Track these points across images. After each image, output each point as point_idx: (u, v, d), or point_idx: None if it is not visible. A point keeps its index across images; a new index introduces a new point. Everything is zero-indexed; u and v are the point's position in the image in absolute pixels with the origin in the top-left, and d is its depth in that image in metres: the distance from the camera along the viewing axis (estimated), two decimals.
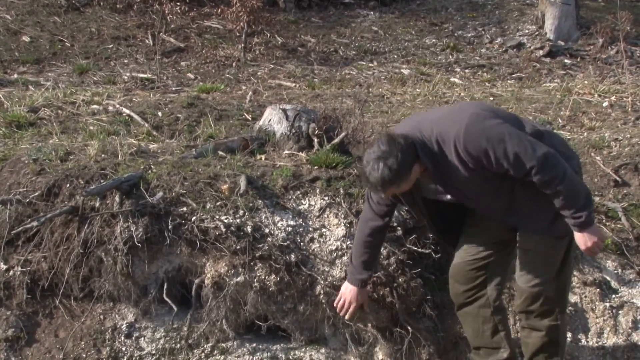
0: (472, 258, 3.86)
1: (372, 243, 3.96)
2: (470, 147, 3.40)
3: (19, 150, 5.10)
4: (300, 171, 4.81)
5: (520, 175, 3.45)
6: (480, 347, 3.98)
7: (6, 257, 4.46)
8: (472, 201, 3.69)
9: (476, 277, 3.86)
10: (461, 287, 3.91)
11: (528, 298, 3.72)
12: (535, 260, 3.67)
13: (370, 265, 4.00)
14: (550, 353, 3.83)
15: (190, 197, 4.47)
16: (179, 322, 4.39)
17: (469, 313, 3.95)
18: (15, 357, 4.24)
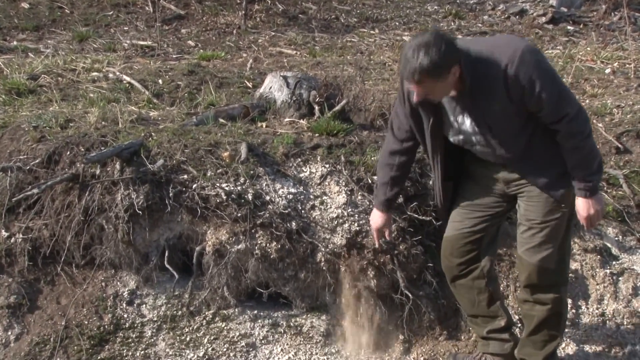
0: (467, 231, 3.82)
1: (393, 167, 3.84)
2: (522, 73, 3.28)
3: (19, 117, 5.09)
4: (301, 139, 4.81)
5: (553, 118, 3.38)
6: (477, 316, 4.00)
7: (7, 224, 4.47)
8: (490, 142, 3.51)
9: (471, 250, 3.84)
10: (455, 260, 3.89)
11: (533, 272, 3.70)
12: (539, 234, 3.63)
13: (391, 188, 3.87)
14: (555, 324, 3.84)
15: (191, 165, 4.47)
16: (180, 289, 4.41)
17: (463, 285, 3.94)
18: (18, 324, 4.26)
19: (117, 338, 4.28)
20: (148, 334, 4.31)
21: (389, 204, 3.94)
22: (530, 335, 3.86)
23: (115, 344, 4.26)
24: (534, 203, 3.61)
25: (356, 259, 4.40)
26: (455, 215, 3.89)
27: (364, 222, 4.44)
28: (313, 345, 4.38)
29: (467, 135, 3.56)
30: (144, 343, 4.28)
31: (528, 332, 3.87)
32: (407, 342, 4.40)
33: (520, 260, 3.77)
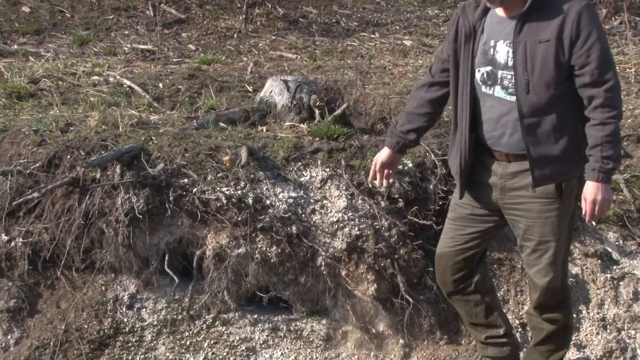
0: (459, 248, 3.74)
1: (415, 100, 3.73)
2: (583, 19, 3.21)
3: (19, 121, 5.08)
4: (301, 142, 4.80)
5: (593, 79, 3.25)
6: (476, 324, 3.97)
7: (7, 228, 4.46)
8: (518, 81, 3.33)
9: (464, 267, 3.78)
10: (449, 277, 3.83)
11: (543, 294, 3.63)
12: (545, 255, 3.55)
13: (408, 122, 3.71)
14: (562, 336, 3.82)
15: (191, 169, 4.46)
16: (180, 293, 4.41)
17: (459, 299, 3.91)
18: (17, 328, 4.26)
19: (117, 342, 4.28)
20: (148, 338, 4.30)
21: (402, 146, 3.76)
22: (538, 346, 3.84)
23: (115, 348, 4.26)
24: (534, 222, 3.52)
25: (356, 263, 4.40)
26: (447, 230, 3.83)
27: (365, 227, 4.44)
28: (313, 349, 4.38)
29: (496, 67, 3.40)
30: (144, 347, 4.28)
31: (536, 343, 3.85)
32: (407, 346, 4.39)
33: (531, 281, 3.69)
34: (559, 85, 3.31)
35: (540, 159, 3.38)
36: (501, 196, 3.55)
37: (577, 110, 3.37)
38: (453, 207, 3.82)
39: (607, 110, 3.26)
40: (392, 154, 3.78)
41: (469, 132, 3.51)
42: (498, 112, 3.44)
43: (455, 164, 3.61)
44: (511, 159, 3.48)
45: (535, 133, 3.36)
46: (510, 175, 3.50)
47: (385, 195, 4.57)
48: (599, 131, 3.28)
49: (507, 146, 3.47)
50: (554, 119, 3.34)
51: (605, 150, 3.28)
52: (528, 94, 3.32)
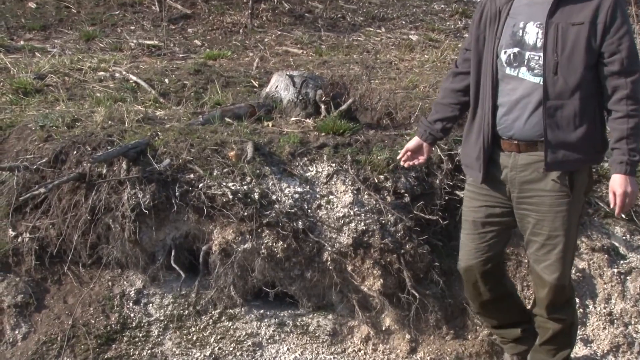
0: (487, 256, 3.75)
1: (442, 91, 3.85)
2: (617, 10, 3.27)
3: (26, 117, 5.08)
4: (307, 138, 4.80)
5: (621, 68, 3.27)
6: (511, 324, 3.99)
7: (14, 223, 4.46)
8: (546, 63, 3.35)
9: (495, 273, 3.80)
10: (484, 287, 3.82)
11: (551, 291, 3.63)
12: (554, 251, 3.54)
13: (434, 112, 3.84)
14: (568, 333, 3.82)
15: (197, 164, 4.46)
16: (186, 288, 4.41)
17: (494, 307, 3.93)
18: (25, 323, 4.26)
19: (124, 337, 4.27)
20: (155, 333, 4.30)
21: (427, 129, 3.84)
22: (544, 345, 3.83)
23: (122, 343, 4.25)
24: (544, 216, 3.51)
25: (362, 258, 4.40)
26: (467, 243, 3.82)
27: (371, 222, 4.44)
28: (319, 344, 4.37)
29: (524, 49, 3.41)
30: (151, 342, 4.27)
31: (542, 342, 3.84)
32: (413, 341, 4.39)
33: (539, 278, 3.67)
34: (586, 70, 3.34)
35: (556, 144, 3.38)
36: (512, 189, 3.56)
37: (597, 101, 3.39)
38: (467, 213, 3.82)
39: (631, 103, 3.29)
40: (420, 143, 3.87)
41: (491, 114, 3.52)
42: (519, 94, 3.44)
43: (477, 149, 3.60)
44: (521, 148, 3.48)
45: (556, 116, 3.37)
46: (520, 167, 3.50)
47: (391, 190, 4.58)
48: (624, 124, 3.30)
49: (521, 132, 3.46)
50: (577, 105, 3.35)
51: (630, 142, 3.30)
52: (555, 75, 3.34)
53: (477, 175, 3.65)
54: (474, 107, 3.63)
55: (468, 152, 3.70)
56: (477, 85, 3.59)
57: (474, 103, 3.62)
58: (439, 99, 3.87)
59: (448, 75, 3.87)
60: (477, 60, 3.58)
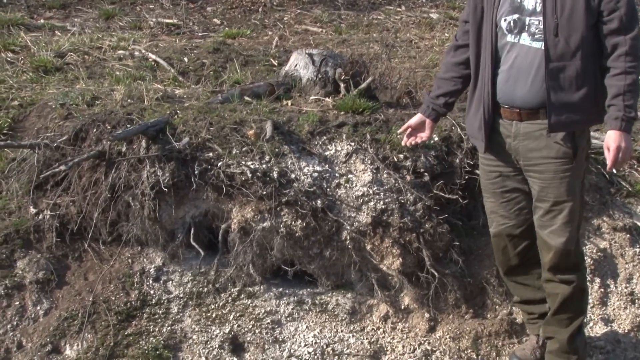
0: (515, 220, 3.78)
1: (443, 65, 3.88)
2: None
3: (46, 95, 5.11)
4: (326, 116, 4.78)
5: (620, 26, 3.31)
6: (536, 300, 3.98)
7: (35, 201, 4.50)
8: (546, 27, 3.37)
9: (524, 238, 3.81)
10: (513, 251, 3.85)
11: (555, 255, 3.64)
12: (559, 216, 3.56)
13: (437, 88, 3.85)
14: (578, 300, 3.79)
15: (216, 143, 4.46)
16: (206, 266, 4.42)
17: (521, 275, 3.95)
18: (46, 299, 4.29)
19: (144, 314, 4.29)
20: (174, 310, 4.32)
21: (430, 105, 3.84)
22: (555, 314, 3.82)
23: (142, 319, 4.28)
24: (548, 183, 3.53)
25: (382, 237, 4.39)
26: (494, 209, 3.84)
27: (390, 201, 4.43)
28: (338, 322, 4.38)
29: (524, 14, 3.44)
30: (170, 319, 4.30)
31: (553, 312, 3.82)
32: (432, 320, 4.39)
33: (543, 242, 3.69)
34: (586, 30, 3.35)
35: (559, 105, 3.40)
36: (518, 158, 3.60)
37: (598, 61, 3.41)
38: (486, 185, 3.84)
39: (630, 60, 3.30)
40: (422, 119, 3.87)
41: (491, 84, 3.55)
42: (520, 61, 3.47)
43: (477, 119, 3.65)
44: (523, 117, 3.52)
45: (558, 78, 3.39)
46: (522, 136, 3.53)
47: (410, 169, 4.56)
48: (621, 80, 3.32)
49: (522, 99, 3.49)
50: (578, 65, 3.38)
51: (627, 99, 3.32)
52: (556, 37, 3.36)
53: (481, 145, 3.69)
54: (474, 78, 3.66)
55: (471, 123, 3.75)
56: (477, 55, 3.61)
57: (475, 74, 3.65)
58: (440, 73, 3.88)
59: (449, 49, 3.87)
60: (476, 30, 3.60)
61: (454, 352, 4.29)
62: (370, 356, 4.27)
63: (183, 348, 4.21)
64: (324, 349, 4.26)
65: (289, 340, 4.29)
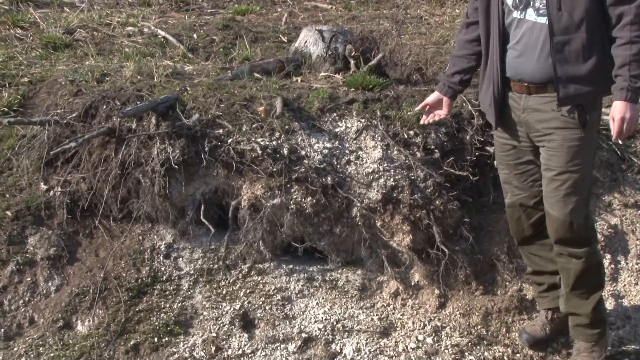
0: (529, 192, 3.80)
1: (457, 43, 3.92)
2: None
3: (55, 71, 5.12)
4: (336, 93, 4.76)
5: None
6: (549, 271, 3.99)
7: (46, 177, 4.52)
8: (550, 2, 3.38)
9: (539, 209, 3.81)
10: (527, 221, 3.88)
11: (561, 227, 3.63)
12: (563, 186, 3.56)
13: (452, 66, 3.92)
14: (595, 274, 3.78)
15: (226, 119, 4.44)
16: (216, 243, 4.43)
17: (535, 245, 3.98)
18: (58, 275, 4.30)
19: (155, 290, 4.30)
20: (185, 287, 4.33)
21: (445, 82, 3.91)
22: (573, 290, 3.80)
23: (153, 296, 4.28)
24: (555, 152, 3.53)
25: (392, 214, 4.38)
26: (509, 180, 3.87)
27: (400, 177, 4.41)
28: (348, 299, 4.37)
29: None
30: (181, 296, 4.30)
31: (570, 287, 3.80)
32: (442, 296, 4.39)
33: (547, 213, 3.69)
34: (589, 2, 3.34)
35: (566, 79, 3.40)
36: (528, 130, 3.61)
37: (605, 31, 3.38)
38: (500, 157, 3.86)
39: (635, 29, 3.27)
40: (440, 98, 3.94)
41: (499, 61, 3.58)
42: (527, 37, 3.49)
43: (488, 96, 3.69)
44: (532, 90, 3.53)
45: (564, 51, 3.39)
46: (531, 109, 3.55)
47: (421, 146, 4.54)
48: (627, 50, 3.29)
49: (530, 74, 3.50)
50: (584, 38, 3.36)
51: (633, 69, 3.28)
52: (559, 11, 3.35)
53: (492, 120, 3.73)
54: (485, 55, 3.68)
55: (483, 99, 3.79)
56: (486, 33, 3.63)
57: (485, 51, 3.67)
58: (455, 51, 3.94)
59: (461, 27, 3.91)
60: (484, 8, 3.61)
61: (464, 329, 4.28)
62: (380, 332, 4.26)
63: (194, 324, 4.21)
64: (334, 325, 4.25)
65: (299, 317, 4.28)
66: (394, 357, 4.16)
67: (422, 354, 4.16)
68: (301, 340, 4.17)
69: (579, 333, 3.91)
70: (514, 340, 4.22)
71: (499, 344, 4.23)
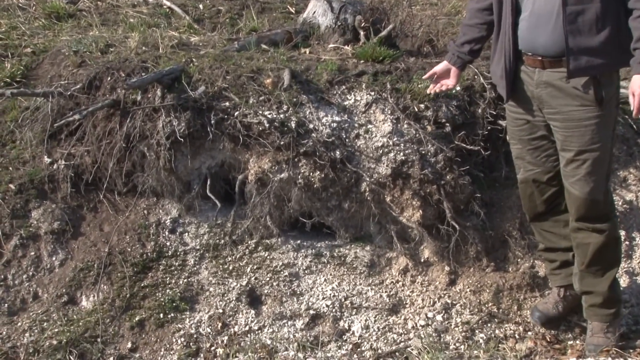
0: (543, 167, 3.76)
1: (468, 12, 3.87)
2: None
3: (59, 42, 5.07)
4: (345, 65, 4.69)
5: None
6: (562, 248, 3.95)
7: (49, 150, 4.50)
8: None
9: (552, 185, 3.78)
10: (540, 197, 3.84)
11: (582, 205, 3.58)
12: (583, 166, 3.50)
13: (462, 35, 3.85)
14: (613, 249, 3.74)
15: (232, 92, 4.38)
16: (222, 218, 4.40)
17: (548, 222, 3.94)
18: (62, 250, 4.28)
19: (160, 266, 4.28)
20: (191, 262, 4.30)
21: (462, 61, 3.86)
22: (589, 267, 3.74)
23: (158, 271, 4.26)
24: (573, 131, 3.46)
25: (401, 189, 4.33)
26: (522, 155, 3.82)
27: (410, 152, 4.35)
28: (357, 275, 4.34)
29: None
30: (187, 271, 4.28)
31: (585, 264, 3.74)
32: (452, 273, 4.35)
33: (568, 193, 3.63)
34: None
35: (578, 50, 3.33)
36: (541, 106, 3.55)
37: (621, 1, 3.31)
38: (513, 132, 3.81)
39: None
40: (448, 67, 3.89)
41: (512, 32, 3.50)
42: (540, 7, 3.40)
43: (500, 67, 3.62)
44: (545, 64, 3.47)
45: (577, 22, 3.30)
46: (544, 84, 3.48)
47: (431, 119, 4.47)
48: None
49: (544, 46, 3.43)
50: (598, 8, 3.29)
51: None
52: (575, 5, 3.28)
53: (503, 93, 3.66)
54: (497, 26, 3.62)
55: (494, 71, 3.73)
56: (499, 3, 3.57)
57: (497, 21, 3.60)
58: (465, 20, 3.86)
59: None
60: None
61: (475, 306, 4.25)
62: (389, 309, 4.23)
63: (200, 300, 4.19)
64: (342, 302, 4.22)
65: (306, 293, 4.26)
66: (402, 334, 4.14)
67: (431, 332, 4.14)
68: (309, 317, 4.16)
69: (593, 313, 3.85)
70: (526, 318, 4.19)
71: (510, 322, 4.20)
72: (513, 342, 4.11)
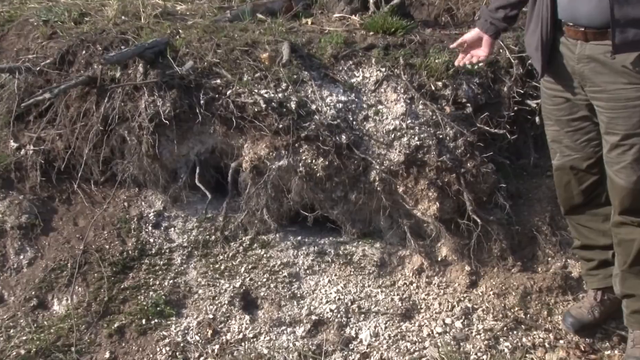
0: (582, 153, 3.52)
1: None
2: None
3: (26, 10, 4.99)
4: (352, 38, 4.53)
5: None
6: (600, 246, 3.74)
7: (16, 133, 4.42)
8: None
9: (592, 174, 3.57)
10: (578, 187, 3.63)
11: (627, 196, 3.35)
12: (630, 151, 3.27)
13: (499, 2, 3.62)
14: None
15: (224, 68, 4.23)
16: (213, 211, 4.29)
17: (585, 215, 3.74)
18: (31, 247, 4.14)
19: (143, 265, 4.12)
20: (177, 261, 4.14)
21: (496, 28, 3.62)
22: (633, 266, 3.51)
23: (141, 271, 4.10)
24: (619, 113, 3.22)
25: (416, 178, 4.13)
26: (559, 139, 3.60)
27: (426, 136, 4.18)
28: (365, 276, 4.15)
29: None
30: (173, 271, 4.11)
31: (629, 263, 3.51)
32: (474, 273, 4.15)
33: (611, 181, 3.41)
34: None
35: (625, 22, 3.10)
36: (583, 83, 3.35)
37: None
38: (549, 111, 3.61)
39: None
40: (480, 35, 3.67)
41: None
42: None
43: (535, 38, 3.42)
44: (589, 37, 3.24)
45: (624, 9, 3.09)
46: (587, 58, 3.26)
47: (450, 99, 4.31)
48: None
49: (587, 16, 3.19)
50: None
51: None
52: None
53: (538, 66, 3.50)
54: None
55: (529, 42, 3.53)
56: None
57: None
58: None
59: None
60: None
61: (499, 311, 4.01)
62: (401, 315, 4.01)
63: (187, 304, 4.01)
64: (348, 306, 4.02)
65: (308, 296, 4.07)
66: (417, 343, 3.91)
67: (449, 340, 3.91)
68: (310, 323, 3.96)
69: (635, 321, 3.63)
70: (557, 324, 3.96)
71: (539, 329, 3.96)
72: (542, 351, 3.86)
